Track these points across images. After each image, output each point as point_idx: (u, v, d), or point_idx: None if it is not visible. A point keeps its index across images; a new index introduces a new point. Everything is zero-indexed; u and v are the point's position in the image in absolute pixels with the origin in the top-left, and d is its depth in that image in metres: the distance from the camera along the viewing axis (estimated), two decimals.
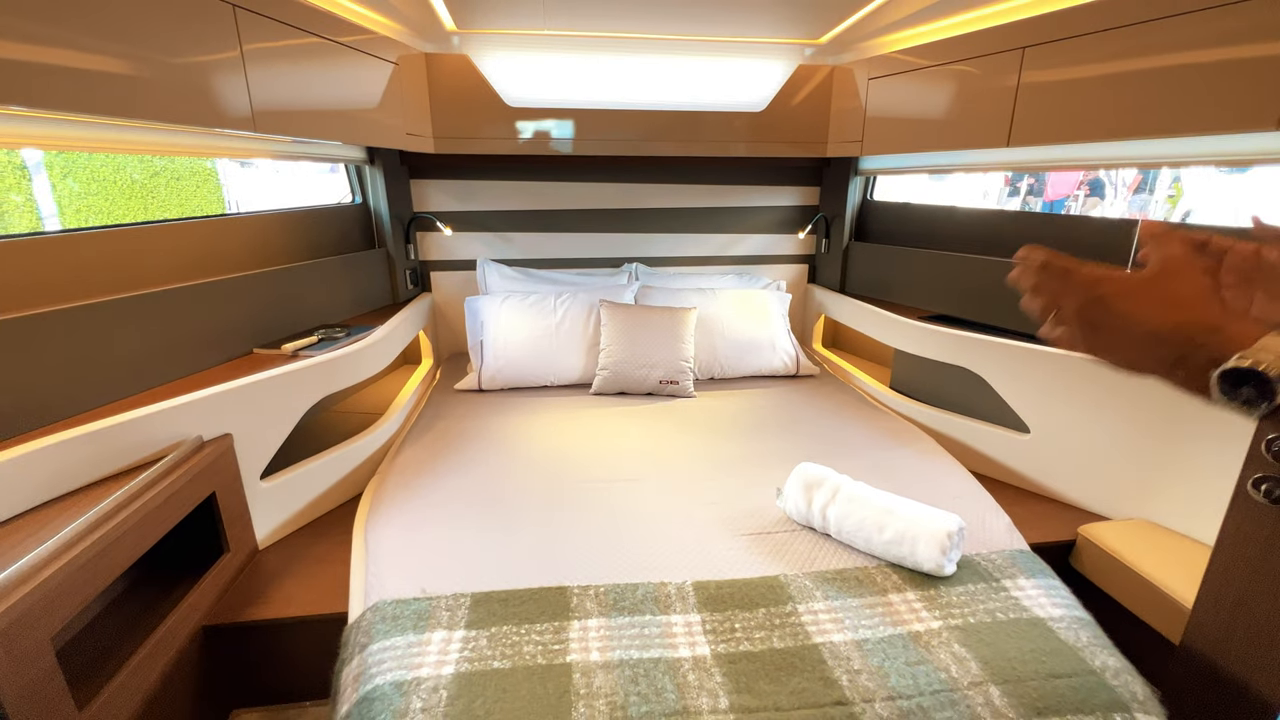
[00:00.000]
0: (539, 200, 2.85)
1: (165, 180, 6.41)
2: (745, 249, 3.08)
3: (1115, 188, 7.86)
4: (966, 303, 2.31)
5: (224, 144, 1.81)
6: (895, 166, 2.63)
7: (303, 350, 1.90)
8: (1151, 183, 9.09)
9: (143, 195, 6.11)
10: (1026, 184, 8.13)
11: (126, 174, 6.10)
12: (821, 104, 2.54)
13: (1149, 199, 7.54)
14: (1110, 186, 7.81)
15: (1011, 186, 7.97)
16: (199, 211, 6.37)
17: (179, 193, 6.54)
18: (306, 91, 1.70)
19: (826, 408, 2.31)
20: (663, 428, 2.12)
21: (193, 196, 6.57)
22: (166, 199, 6.51)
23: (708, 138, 2.54)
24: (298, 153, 2.11)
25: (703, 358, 2.57)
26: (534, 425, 2.13)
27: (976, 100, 1.90)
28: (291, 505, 1.73)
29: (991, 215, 2.44)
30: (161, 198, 6.26)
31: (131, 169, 6.15)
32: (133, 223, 1.69)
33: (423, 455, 1.91)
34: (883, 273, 2.73)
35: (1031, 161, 2.08)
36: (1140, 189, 7.92)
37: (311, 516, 1.80)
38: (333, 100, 1.82)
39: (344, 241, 2.50)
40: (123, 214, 6.16)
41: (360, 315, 2.44)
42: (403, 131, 2.09)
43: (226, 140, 1.80)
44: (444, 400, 2.38)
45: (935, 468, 1.83)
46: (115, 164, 6.08)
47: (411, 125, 2.17)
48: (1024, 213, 2.21)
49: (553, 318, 2.53)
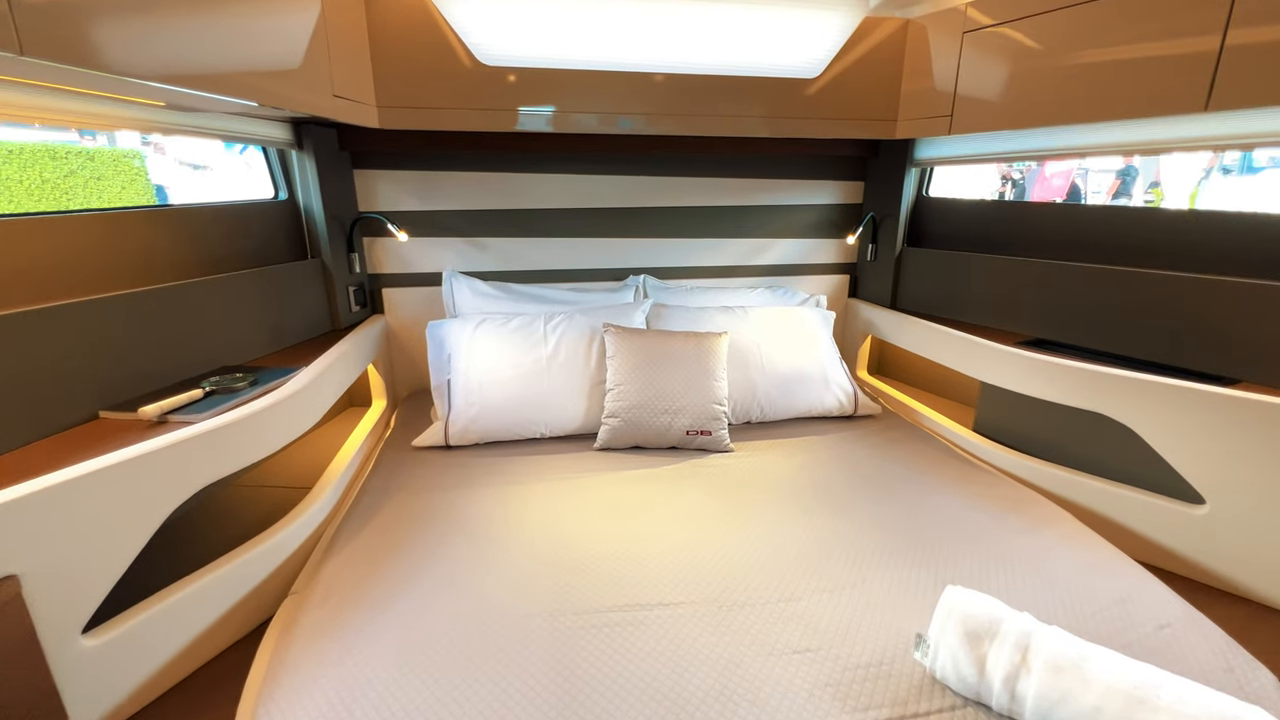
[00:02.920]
0: (521, 197, 2.26)
1: (83, 180, 5.61)
2: (774, 256, 2.54)
3: (1086, 194, 7.63)
4: (1081, 325, 1.80)
5: (80, 107, 1.20)
6: (970, 154, 2.11)
7: (175, 414, 1.27)
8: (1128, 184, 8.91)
9: (55, 197, 5.31)
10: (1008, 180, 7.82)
11: (35, 172, 5.30)
12: (890, 69, 2.00)
13: (1128, 203, 7.31)
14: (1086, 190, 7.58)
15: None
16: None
17: (100, 194, 5.74)
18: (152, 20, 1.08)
19: (908, 463, 1.76)
20: (699, 501, 1.54)
21: (115, 200, 5.77)
22: (85, 202, 5.67)
23: (740, 111, 1.98)
24: (179, 125, 1.48)
25: (736, 396, 2.01)
26: (521, 503, 1.53)
27: (1156, 48, 1.38)
28: (141, 667, 1.10)
29: (1105, 212, 1.93)
30: (79, 200, 5.44)
31: (42, 166, 5.35)
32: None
33: (360, 562, 1.30)
34: (949, 285, 2.21)
35: (1186, 140, 1.56)
36: (1119, 194, 7.68)
37: (181, 674, 1.17)
38: (211, 43, 1.21)
39: (263, 251, 1.87)
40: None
41: (283, 350, 1.81)
42: (328, 92, 1.48)
43: (82, 103, 1.19)
44: (398, 462, 1.76)
45: (1096, 565, 1.29)
46: (22, 161, 5.27)
47: (343, 86, 1.55)
48: (1150, 209, 1.69)
49: (543, 347, 1.94)
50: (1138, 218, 1.83)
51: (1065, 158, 1.90)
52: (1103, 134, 1.71)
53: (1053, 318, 1.88)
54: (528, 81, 1.84)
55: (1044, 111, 1.61)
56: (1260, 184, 6.15)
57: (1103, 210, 1.93)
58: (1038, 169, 9.72)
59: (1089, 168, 11.51)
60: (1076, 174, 11.14)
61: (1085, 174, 11.50)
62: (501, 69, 1.80)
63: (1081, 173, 11.39)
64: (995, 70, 1.71)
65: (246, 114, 1.57)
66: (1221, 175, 8.34)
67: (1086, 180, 9.95)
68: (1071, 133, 1.78)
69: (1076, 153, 1.80)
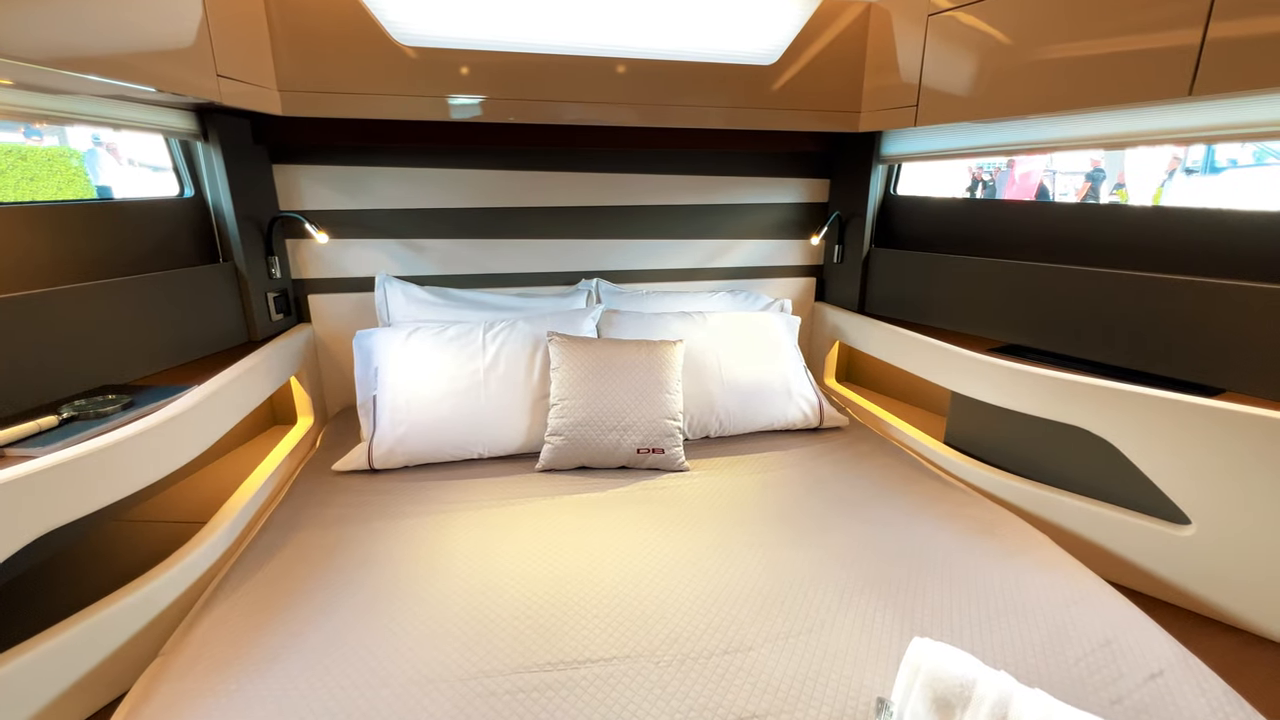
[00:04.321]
0: (462, 195, 2.09)
1: (14, 180, 5.26)
2: (736, 259, 2.40)
3: (1054, 197, 7.74)
4: (1056, 330, 1.69)
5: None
6: (939, 149, 1.99)
7: (15, 446, 1.08)
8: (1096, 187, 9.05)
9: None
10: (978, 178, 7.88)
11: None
12: (852, 57, 1.87)
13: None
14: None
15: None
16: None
17: (34, 195, 5.38)
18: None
19: (876, 481, 1.63)
20: (646, 533, 1.39)
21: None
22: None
23: (695, 102, 1.84)
24: (46, 110, 1.28)
25: (693, 409, 1.86)
26: (444, 537, 1.36)
27: (1133, 31, 1.26)
28: None
29: (1080, 210, 1.83)
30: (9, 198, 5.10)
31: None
32: None
33: (243, 614, 1.11)
34: (918, 287, 2.09)
35: (1168, 131, 1.46)
36: (1088, 197, 7.79)
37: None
38: (68, 17, 1.02)
39: (165, 253, 1.67)
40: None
41: (186, 365, 1.61)
42: (210, 71, 1.29)
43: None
44: (314, 489, 1.57)
45: (1078, 600, 1.16)
46: None
47: (230, 64, 1.36)
48: (1133, 207, 1.58)
49: (481, 358, 1.77)
50: (1113, 215, 1.72)
51: (1039, 152, 1.80)
52: (1078, 126, 1.61)
53: (1026, 322, 1.77)
54: (457, 66, 1.67)
55: (1016, 101, 1.49)
56: (1223, 183, 6.23)
57: (1077, 208, 1.84)
58: (1008, 171, 9.81)
59: (1057, 169, 11.66)
60: (1045, 177, 11.29)
61: (1054, 176, 11.66)
62: (427, 50, 1.63)
63: (1050, 175, 11.55)
64: (963, 57, 1.59)
65: (129, 98, 1.38)
66: (1185, 175, 8.48)
67: (1055, 183, 10.08)
68: (1046, 125, 1.67)
69: (1051, 147, 1.69)
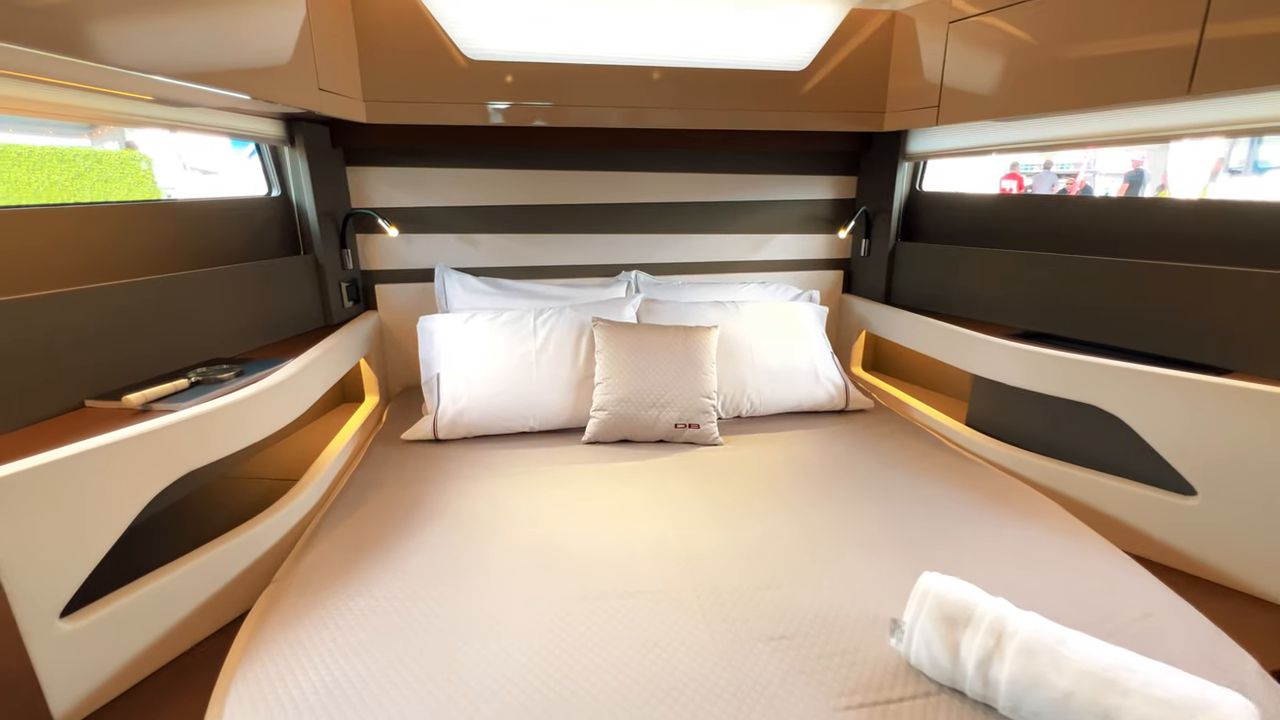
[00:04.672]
0: (513, 193, 2.27)
1: (90, 182, 5.69)
2: (768, 252, 2.53)
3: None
4: (1073, 317, 1.78)
5: (77, 101, 1.23)
6: (961, 146, 2.09)
7: (159, 402, 1.29)
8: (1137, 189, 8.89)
9: (63, 199, 5.38)
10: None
11: (44, 174, 5.38)
12: (878, 62, 2.00)
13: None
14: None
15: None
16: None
17: (107, 196, 5.81)
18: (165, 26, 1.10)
19: (898, 457, 1.75)
20: (684, 493, 1.54)
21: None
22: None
23: (730, 105, 1.98)
24: (172, 119, 1.50)
25: (726, 390, 2.00)
26: (507, 494, 1.54)
27: (1135, 33, 1.37)
28: (119, 653, 1.11)
29: (1100, 205, 1.92)
30: (88, 198, 5.51)
31: (50, 169, 5.43)
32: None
33: (343, 550, 1.30)
34: (942, 279, 2.19)
35: (1165, 129, 1.55)
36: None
37: (160, 661, 1.18)
38: (201, 38, 1.23)
39: (256, 246, 1.89)
40: None
41: (274, 344, 1.82)
42: (313, 86, 1.49)
43: (78, 96, 1.23)
44: (387, 455, 1.77)
45: (1081, 555, 1.27)
46: (31, 163, 5.35)
47: (329, 79, 1.57)
48: (1149, 200, 1.67)
49: (532, 341, 1.94)
50: (1133, 209, 1.81)
51: (1057, 149, 1.89)
52: (1094, 123, 1.70)
53: (1045, 310, 1.86)
54: (515, 76, 1.85)
55: (1031, 100, 1.60)
56: (1268, 183, 6.08)
57: (1100, 202, 1.92)
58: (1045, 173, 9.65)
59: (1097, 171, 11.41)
60: (1085, 179, 11.04)
61: (1094, 176, 11.41)
62: (489, 63, 1.81)
63: (1090, 177, 11.30)
64: (981, 60, 1.70)
65: (236, 109, 1.59)
66: (1229, 176, 8.23)
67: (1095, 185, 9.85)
68: (1063, 122, 1.76)
69: (1069, 143, 1.79)
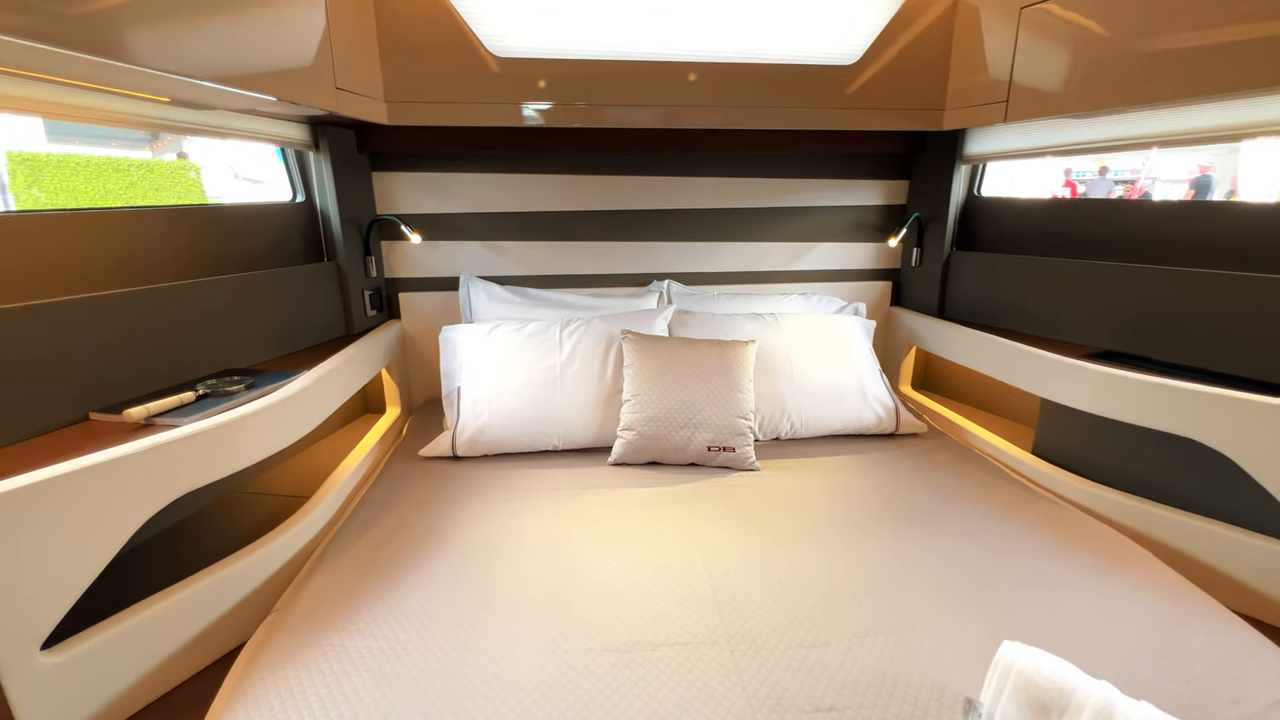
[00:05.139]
0: (541, 199, 2.18)
1: (143, 191, 5.89)
2: (809, 262, 2.38)
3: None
4: (1160, 336, 1.58)
5: (103, 104, 1.20)
6: (1027, 146, 1.91)
7: (163, 417, 1.22)
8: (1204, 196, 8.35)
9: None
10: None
11: (100, 184, 5.60)
12: (937, 54, 1.83)
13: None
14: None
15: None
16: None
17: (159, 202, 6.02)
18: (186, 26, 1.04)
19: (957, 489, 1.57)
20: (717, 526, 1.40)
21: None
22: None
23: (773, 103, 1.85)
24: (190, 123, 1.45)
25: (764, 410, 1.85)
26: (524, 521, 1.42)
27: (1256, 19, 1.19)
28: (105, 689, 1.03)
29: (1184, 209, 1.71)
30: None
31: (106, 178, 5.65)
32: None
33: (347, 580, 1.21)
34: (1003, 291, 2.00)
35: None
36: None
37: (149, 698, 1.10)
38: (219, 42, 1.17)
39: (278, 253, 1.84)
40: None
41: (292, 355, 1.76)
42: (330, 85, 1.42)
43: (105, 100, 1.19)
44: (403, 473, 1.68)
45: (1189, 619, 1.08)
46: (89, 173, 5.57)
47: (347, 78, 1.50)
48: (1236, 203, 1.46)
49: (557, 355, 1.83)
50: (1222, 213, 1.60)
51: (1136, 148, 1.69)
52: (1184, 119, 1.51)
53: (1126, 328, 1.66)
54: (545, 75, 1.75)
55: (1117, 91, 1.42)
56: None
57: (1181, 206, 1.71)
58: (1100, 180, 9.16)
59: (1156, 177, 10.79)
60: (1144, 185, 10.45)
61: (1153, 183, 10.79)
62: (518, 61, 1.72)
63: (1149, 183, 10.70)
64: (1058, 48, 1.53)
65: (255, 111, 1.53)
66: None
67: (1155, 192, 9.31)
68: (1146, 119, 1.57)
69: (1149, 141, 1.59)
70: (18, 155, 5.13)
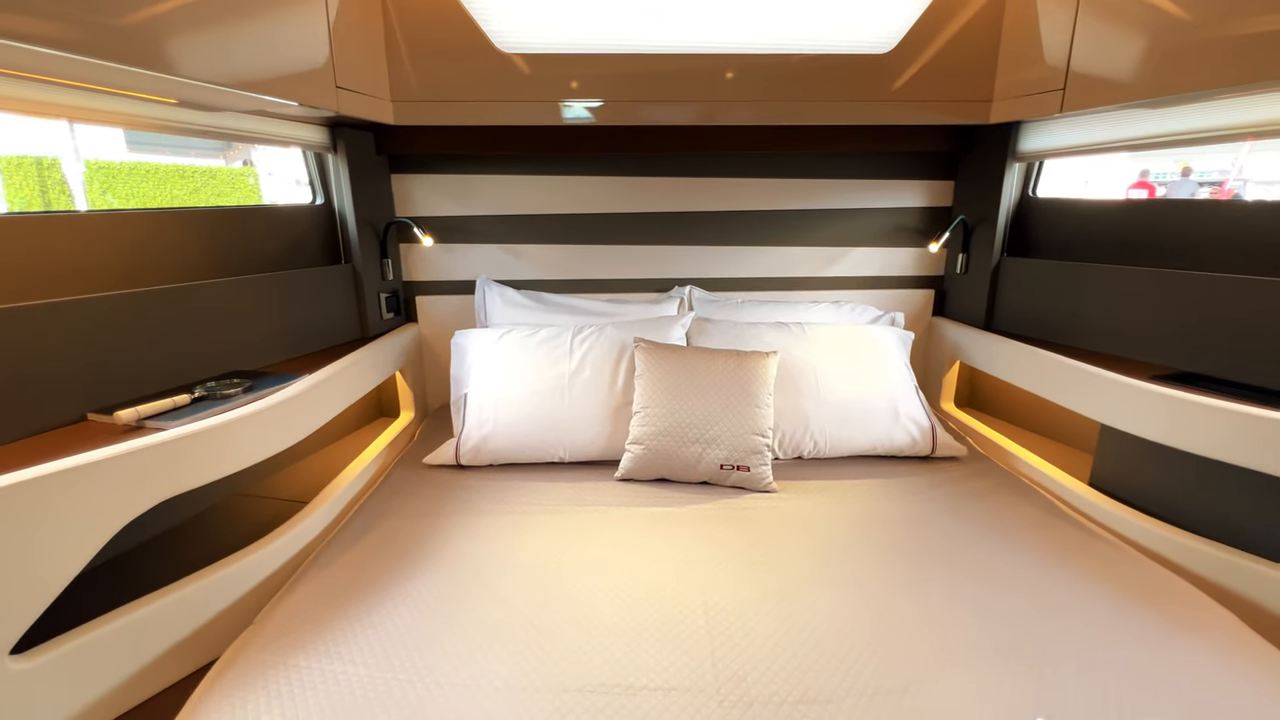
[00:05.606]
0: (560, 201, 2.12)
1: (206, 196, 6.21)
2: (844, 268, 2.23)
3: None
4: (1247, 357, 1.37)
5: (119, 107, 1.21)
6: (1090, 142, 1.71)
7: (154, 419, 1.21)
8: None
9: None
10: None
11: (167, 189, 5.93)
12: (984, 40, 1.67)
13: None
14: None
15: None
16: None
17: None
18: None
19: (1000, 523, 1.40)
20: (722, 554, 1.28)
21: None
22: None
23: (804, 96, 1.73)
24: (202, 125, 1.45)
25: (785, 427, 1.73)
26: (518, 538, 1.35)
27: None
28: (77, 697, 1.01)
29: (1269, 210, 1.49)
30: None
31: (173, 185, 5.98)
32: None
33: (328, 595, 1.16)
34: (1060, 303, 1.81)
35: None
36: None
37: (123, 708, 1.08)
38: (224, 44, 1.15)
39: (296, 254, 1.84)
40: None
41: (305, 356, 1.75)
42: (330, 84, 1.39)
43: (120, 103, 1.20)
44: (405, 481, 1.64)
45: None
46: (157, 179, 5.91)
47: (349, 76, 1.47)
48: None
49: (567, 362, 1.76)
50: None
51: (1217, 140, 1.48)
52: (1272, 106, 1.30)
53: (1206, 346, 1.45)
54: (556, 69, 1.69)
55: (1197, 72, 1.23)
56: None
57: (1275, 208, 1.49)
58: (1183, 181, 8.46)
59: (1248, 179, 9.90)
60: (1234, 188, 9.62)
61: (1245, 185, 9.92)
62: (532, 57, 1.66)
63: (1240, 185, 9.83)
64: (1126, 26, 1.35)
65: (264, 112, 1.53)
66: None
67: (1247, 195, 8.57)
68: (1234, 107, 1.37)
69: (1240, 133, 1.39)
70: (94, 164, 5.49)
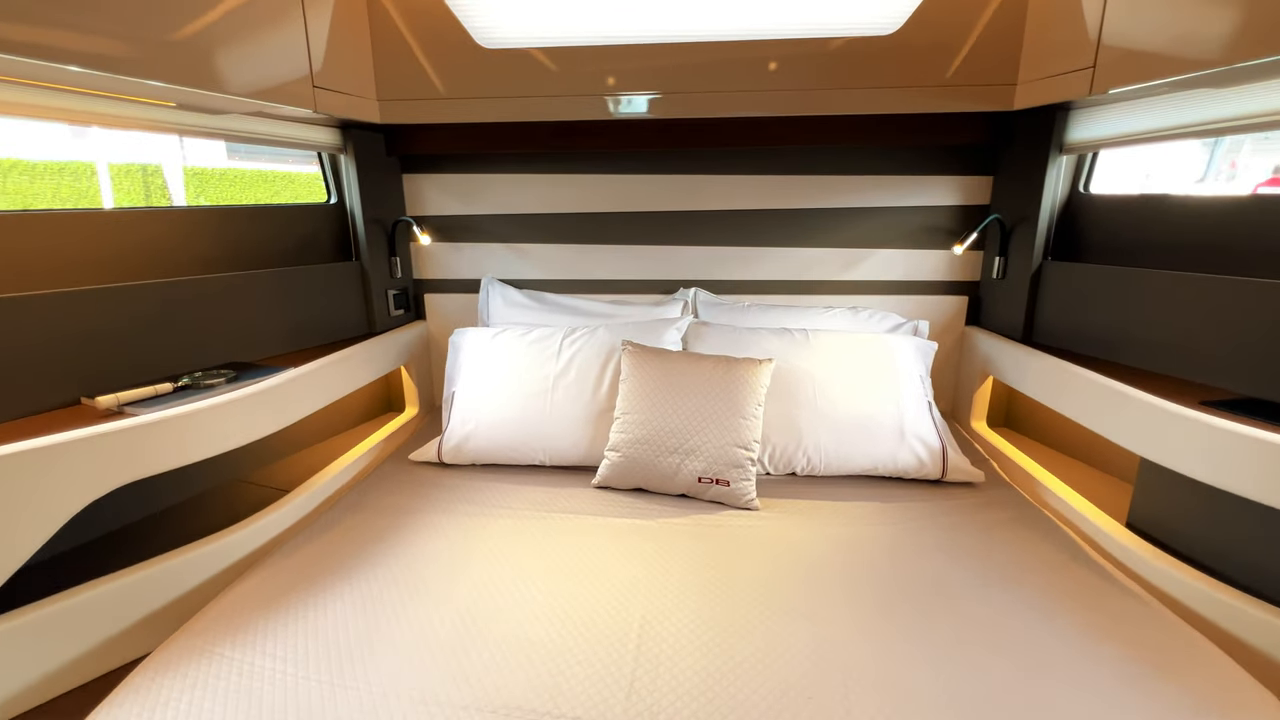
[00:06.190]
0: (568, 200, 2.09)
1: (284, 197, 6.68)
2: (864, 271, 2.06)
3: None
4: None
5: (130, 112, 1.30)
6: (1148, 129, 1.49)
7: (134, 405, 1.27)
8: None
9: None
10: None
11: (253, 193, 6.42)
12: (1007, 16, 1.49)
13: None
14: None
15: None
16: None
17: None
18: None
19: (1007, 562, 1.23)
20: (678, 581, 1.19)
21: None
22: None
23: (796, 84, 1.61)
24: (209, 127, 1.53)
25: (777, 440, 1.61)
26: (475, 542, 1.32)
27: None
28: (18, 676, 1.06)
29: None
30: None
31: (257, 189, 6.46)
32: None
33: (275, 586, 1.17)
34: (1111, 313, 1.58)
35: None
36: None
37: (73, 684, 1.13)
38: (203, 46, 1.20)
39: (309, 251, 1.91)
40: None
41: (307, 350, 1.81)
42: (306, 81, 1.42)
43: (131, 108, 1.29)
44: (389, 476, 1.65)
45: None
46: (244, 183, 6.41)
47: (330, 76, 1.49)
48: None
49: (554, 364, 1.72)
50: None
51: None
52: None
53: (1277, 367, 1.22)
54: (547, 62, 1.65)
55: (1251, 40, 1.03)
56: None
57: None
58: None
59: None
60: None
61: None
62: (520, 51, 1.64)
63: None
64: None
65: (264, 114, 1.58)
66: None
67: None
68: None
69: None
70: (191, 170, 6.02)
